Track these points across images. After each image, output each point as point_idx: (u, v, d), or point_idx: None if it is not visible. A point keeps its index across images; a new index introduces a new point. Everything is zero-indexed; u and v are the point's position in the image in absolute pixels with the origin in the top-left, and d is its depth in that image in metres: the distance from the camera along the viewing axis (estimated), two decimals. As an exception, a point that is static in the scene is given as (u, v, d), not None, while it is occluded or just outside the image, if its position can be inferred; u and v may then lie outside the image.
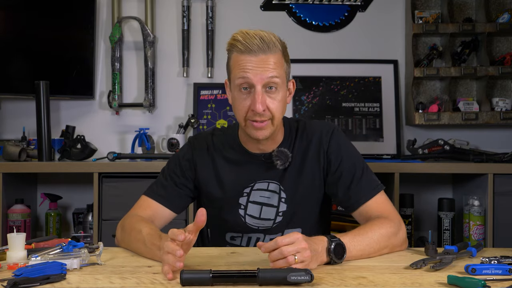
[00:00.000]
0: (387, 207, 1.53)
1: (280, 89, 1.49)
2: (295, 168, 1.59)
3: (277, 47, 1.49)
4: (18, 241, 1.28)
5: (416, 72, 2.81)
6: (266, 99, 1.48)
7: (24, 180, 2.68)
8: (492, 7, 2.96)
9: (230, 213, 1.61)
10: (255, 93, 1.47)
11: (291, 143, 1.61)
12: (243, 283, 1.12)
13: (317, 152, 1.59)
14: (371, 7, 3.00)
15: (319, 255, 1.27)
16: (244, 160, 1.61)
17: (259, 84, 1.46)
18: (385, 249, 1.42)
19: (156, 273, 1.22)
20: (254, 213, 1.60)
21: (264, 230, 1.60)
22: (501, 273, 1.18)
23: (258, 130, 1.51)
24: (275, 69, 1.47)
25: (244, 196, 1.60)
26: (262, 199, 1.59)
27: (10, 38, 2.75)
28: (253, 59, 1.46)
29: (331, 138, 1.59)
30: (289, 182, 1.59)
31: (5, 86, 2.74)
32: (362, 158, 1.62)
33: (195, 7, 2.96)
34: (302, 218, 1.61)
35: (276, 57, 1.48)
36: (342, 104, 2.93)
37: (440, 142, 2.71)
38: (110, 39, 2.88)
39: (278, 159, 1.57)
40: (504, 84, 2.98)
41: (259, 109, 1.46)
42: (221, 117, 2.92)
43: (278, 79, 1.47)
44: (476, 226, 2.54)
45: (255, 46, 1.46)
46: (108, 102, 2.88)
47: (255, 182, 1.60)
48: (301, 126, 1.64)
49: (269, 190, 1.59)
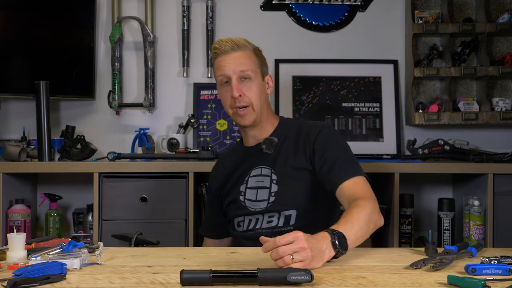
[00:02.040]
0: (364, 188, 1.63)
1: (254, 79, 1.79)
2: (285, 155, 1.81)
3: (247, 47, 1.82)
4: (18, 241, 1.28)
5: (416, 72, 2.81)
6: (242, 87, 1.78)
7: (24, 180, 2.68)
8: (492, 7, 2.96)
9: (234, 201, 1.85)
10: (231, 83, 1.78)
11: (284, 133, 1.85)
12: (243, 283, 1.12)
13: (304, 143, 1.79)
14: (371, 7, 3.00)
15: (324, 253, 1.29)
16: (244, 156, 1.88)
17: (234, 75, 1.78)
18: (371, 226, 1.48)
19: (156, 273, 1.22)
20: (251, 197, 1.81)
21: (261, 211, 1.78)
22: (501, 273, 1.18)
23: (242, 117, 1.80)
24: (245, 64, 1.78)
25: (244, 184, 1.84)
26: (257, 183, 1.81)
27: (10, 38, 2.75)
28: (227, 57, 1.79)
29: (319, 132, 1.78)
30: (279, 166, 1.80)
31: (5, 86, 2.74)
32: (349, 149, 1.78)
33: (195, 7, 2.96)
34: (293, 200, 1.76)
35: (246, 54, 1.80)
36: (342, 104, 2.93)
37: (440, 142, 2.71)
38: (110, 39, 2.88)
39: (264, 144, 1.82)
40: (504, 84, 2.98)
41: (235, 94, 1.76)
42: (221, 117, 2.92)
43: (249, 71, 1.78)
44: (476, 226, 2.54)
45: (227, 46, 1.79)
46: (108, 102, 2.88)
47: (251, 170, 1.83)
48: (296, 122, 1.92)
49: (262, 174, 1.81)
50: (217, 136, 2.91)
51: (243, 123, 1.82)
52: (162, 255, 1.45)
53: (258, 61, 1.84)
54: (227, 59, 1.79)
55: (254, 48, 1.85)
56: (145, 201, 2.48)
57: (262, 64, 1.86)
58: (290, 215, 1.75)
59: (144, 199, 2.47)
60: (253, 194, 1.81)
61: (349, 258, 1.37)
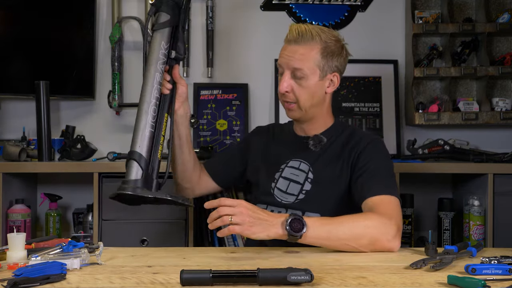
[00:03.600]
0: (389, 207, 1.55)
1: (307, 78, 1.69)
2: (329, 156, 1.74)
3: (315, 41, 1.68)
4: (18, 241, 1.28)
5: (416, 72, 2.81)
6: (293, 84, 1.70)
7: (24, 180, 2.68)
8: (492, 7, 2.96)
9: (264, 183, 1.80)
10: (283, 76, 1.70)
11: (335, 135, 1.78)
12: (243, 283, 1.12)
13: (350, 151, 1.72)
14: (371, 7, 3.00)
15: (268, 226, 1.36)
16: (289, 141, 1.83)
17: (287, 70, 1.70)
18: (363, 239, 1.42)
19: (156, 273, 1.22)
20: (282, 187, 1.76)
21: (286, 204, 1.73)
22: (501, 273, 1.18)
23: (288, 110, 1.75)
24: (302, 61, 1.67)
25: (279, 171, 1.78)
26: (292, 176, 1.75)
27: (10, 38, 2.75)
28: (288, 47, 1.70)
29: (368, 144, 1.72)
30: (319, 166, 1.74)
31: (5, 86, 2.74)
32: (392, 170, 1.71)
33: (195, 7, 2.96)
34: (322, 203, 1.70)
35: (308, 49, 1.68)
36: (342, 104, 2.93)
37: (440, 142, 2.71)
38: (110, 39, 2.88)
39: (311, 140, 1.75)
40: (504, 84, 2.98)
41: (281, 89, 1.70)
42: (221, 117, 2.92)
43: (304, 70, 1.67)
44: (476, 226, 2.54)
45: (292, 36, 1.69)
46: (108, 102, 2.88)
47: (291, 159, 1.77)
48: (350, 128, 1.84)
49: (299, 169, 1.75)
50: (217, 136, 2.91)
51: (289, 116, 1.79)
52: (162, 255, 1.45)
53: (323, 58, 1.70)
54: (288, 49, 1.70)
55: (326, 42, 1.71)
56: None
57: (328, 61, 1.72)
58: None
59: (144, 199, 2.47)
60: (284, 184, 1.75)
61: (349, 258, 1.37)
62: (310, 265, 1.25)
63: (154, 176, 1.58)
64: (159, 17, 1.67)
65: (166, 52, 1.66)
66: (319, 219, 1.47)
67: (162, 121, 1.63)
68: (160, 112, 1.63)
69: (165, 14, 1.66)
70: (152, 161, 1.58)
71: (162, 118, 1.63)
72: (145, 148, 1.56)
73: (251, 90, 2.96)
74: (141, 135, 1.57)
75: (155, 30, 1.68)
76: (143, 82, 1.64)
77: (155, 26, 1.67)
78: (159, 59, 1.65)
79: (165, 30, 1.66)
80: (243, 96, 2.93)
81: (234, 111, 2.92)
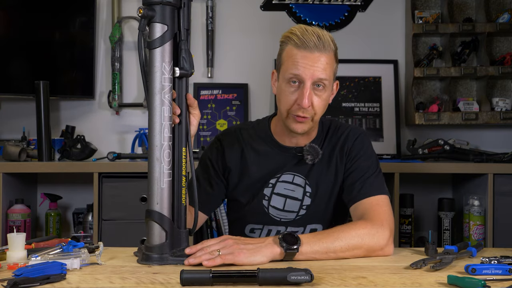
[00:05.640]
0: (380, 211, 1.49)
1: (326, 88, 1.53)
2: (322, 165, 1.62)
3: (330, 47, 1.53)
4: (18, 241, 1.28)
5: (416, 72, 2.81)
6: (313, 97, 1.52)
7: (24, 180, 2.68)
8: (492, 7, 2.96)
9: (254, 204, 1.63)
10: (304, 88, 1.50)
11: (322, 140, 1.65)
12: (243, 283, 1.12)
13: (341, 151, 1.63)
14: (371, 7, 3.00)
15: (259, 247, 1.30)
16: (274, 152, 1.64)
17: (309, 81, 1.50)
18: (358, 250, 1.38)
19: (156, 273, 1.22)
20: (278, 205, 1.62)
21: (286, 222, 1.62)
22: (501, 273, 1.18)
23: (298, 123, 1.54)
24: (325, 69, 1.50)
25: (269, 187, 1.62)
26: (287, 191, 1.62)
27: (10, 38, 2.75)
28: (308, 55, 1.49)
29: (356, 140, 1.63)
30: (314, 177, 1.62)
31: (5, 86, 2.74)
32: (378, 164, 1.64)
33: (195, 7, 2.96)
34: (323, 214, 1.63)
35: (328, 57, 1.52)
36: (342, 104, 2.93)
37: (440, 142, 2.71)
38: (110, 39, 2.88)
39: (309, 154, 1.59)
40: (504, 84, 2.98)
41: (306, 105, 1.50)
42: (221, 117, 2.92)
43: (326, 79, 1.51)
44: (476, 226, 2.54)
45: (312, 43, 1.49)
46: (108, 102, 2.88)
47: (281, 173, 1.62)
48: (332, 126, 1.68)
49: (294, 183, 1.62)
50: (217, 136, 2.91)
51: (296, 130, 1.56)
52: (162, 255, 1.45)
53: (336, 65, 1.57)
54: (307, 57, 1.49)
55: (335, 47, 1.56)
56: (145, 201, 2.47)
57: (336, 67, 1.59)
58: (315, 229, 1.63)
59: (144, 199, 2.47)
60: (280, 202, 1.61)
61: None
62: (310, 265, 1.25)
63: (182, 226, 1.33)
64: (154, 31, 1.31)
65: (170, 75, 1.31)
66: (313, 235, 1.39)
67: (181, 160, 1.34)
68: (176, 151, 1.35)
69: (162, 25, 1.31)
70: (177, 213, 1.32)
71: (180, 156, 1.34)
72: (165, 205, 1.29)
73: (251, 90, 2.96)
74: (157, 189, 1.29)
75: (151, 49, 1.31)
76: (148, 118, 1.38)
77: (151, 43, 1.31)
78: (164, 88, 1.31)
79: (164, 46, 1.31)
80: (243, 96, 2.93)
81: (234, 111, 2.92)
